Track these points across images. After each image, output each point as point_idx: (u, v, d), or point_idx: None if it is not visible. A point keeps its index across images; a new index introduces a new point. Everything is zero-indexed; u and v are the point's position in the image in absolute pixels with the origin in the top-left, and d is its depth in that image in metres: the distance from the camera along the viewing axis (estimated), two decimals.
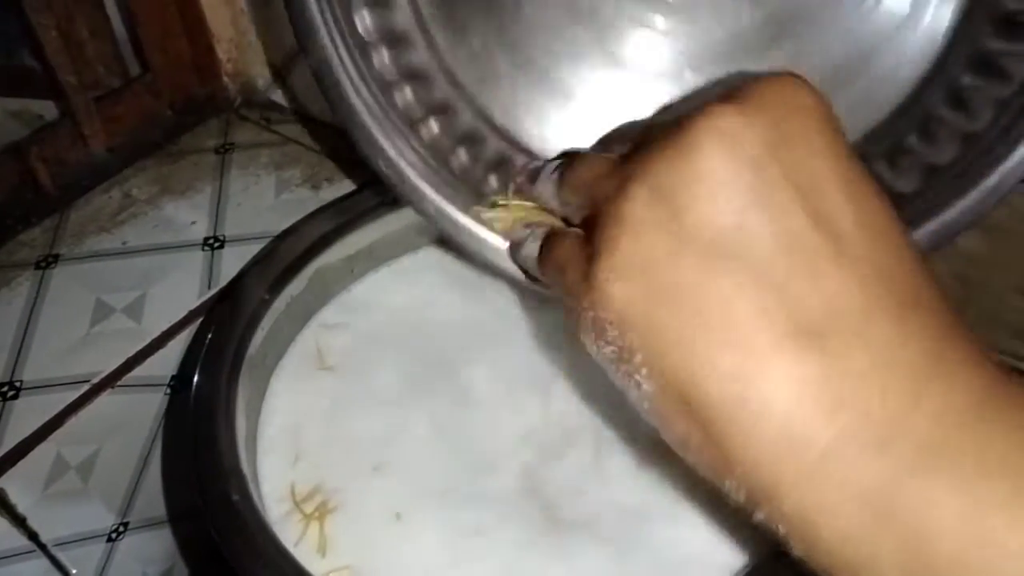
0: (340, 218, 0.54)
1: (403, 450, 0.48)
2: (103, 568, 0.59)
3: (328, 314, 0.55)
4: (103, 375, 0.53)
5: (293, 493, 0.46)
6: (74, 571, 0.57)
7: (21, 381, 0.52)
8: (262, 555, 0.40)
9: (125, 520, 0.59)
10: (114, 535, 0.59)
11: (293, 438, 0.49)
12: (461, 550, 0.44)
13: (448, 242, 0.47)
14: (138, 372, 0.55)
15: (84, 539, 0.57)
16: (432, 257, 0.58)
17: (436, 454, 0.48)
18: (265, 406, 0.50)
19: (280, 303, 0.51)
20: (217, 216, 0.62)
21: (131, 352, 0.54)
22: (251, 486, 0.43)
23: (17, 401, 0.51)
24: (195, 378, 0.46)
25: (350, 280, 0.56)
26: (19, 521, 0.52)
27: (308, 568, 0.40)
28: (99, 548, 0.58)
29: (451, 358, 0.53)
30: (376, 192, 0.54)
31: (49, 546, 0.55)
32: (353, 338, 0.54)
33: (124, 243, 0.60)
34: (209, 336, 0.48)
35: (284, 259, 0.52)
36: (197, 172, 0.65)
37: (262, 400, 0.50)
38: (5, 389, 0.52)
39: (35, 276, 0.58)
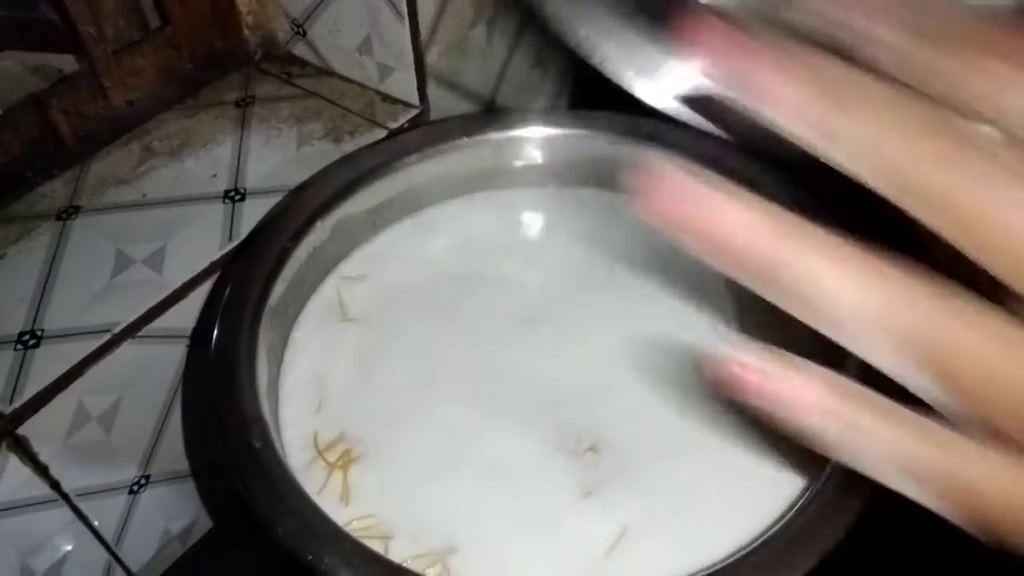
0: (363, 168, 0.52)
1: (427, 400, 0.47)
2: (125, 520, 0.58)
3: (350, 266, 0.53)
4: (124, 325, 0.52)
5: (316, 442, 0.45)
6: (96, 522, 0.56)
7: (42, 330, 0.51)
8: (284, 502, 0.38)
9: (147, 473, 0.58)
10: (136, 487, 0.58)
11: (316, 388, 0.47)
12: (488, 499, 0.43)
13: None
14: (159, 323, 0.53)
15: (106, 490, 0.56)
16: (455, 210, 0.56)
17: (461, 403, 0.47)
18: (287, 356, 0.48)
19: (302, 252, 0.49)
20: (238, 169, 0.60)
21: (152, 303, 0.53)
22: (273, 434, 0.41)
23: (38, 350, 0.50)
24: (216, 326, 0.44)
25: (372, 232, 0.54)
26: (41, 470, 0.51)
27: (332, 516, 0.39)
28: (121, 500, 0.57)
29: (474, 309, 0.51)
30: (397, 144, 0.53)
31: (71, 496, 0.53)
32: (375, 290, 0.52)
33: (144, 195, 0.58)
34: (230, 284, 0.46)
35: (307, 208, 0.50)
36: (218, 126, 0.63)
37: (283, 350, 0.48)
38: (27, 338, 0.50)
39: (55, 227, 0.56)
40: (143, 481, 0.58)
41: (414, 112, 0.63)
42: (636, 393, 0.47)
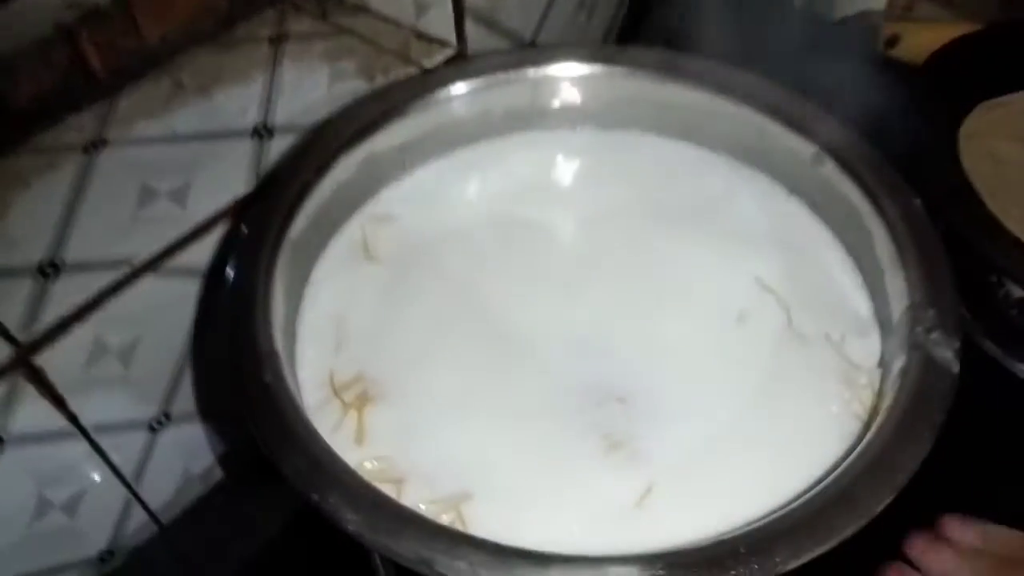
0: (392, 103, 0.49)
1: (450, 343, 0.44)
2: (144, 458, 0.57)
3: (377, 205, 0.51)
4: (144, 258, 0.50)
5: (332, 381, 0.43)
6: (115, 458, 0.54)
7: (63, 261, 0.49)
8: (293, 439, 0.36)
9: (167, 411, 0.56)
10: (156, 425, 0.56)
11: (335, 327, 0.45)
12: (508, 447, 0.40)
13: None
14: (181, 258, 0.52)
15: (125, 427, 0.55)
16: (490, 151, 0.53)
17: (485, 349, 0.44)
18: (307, 293, 0.46)
19: (326, 188, 0.47)
20: (268, 106, 0.58)
21: (174, 237, 0.51)
22: (286, 370, 0.39)
23: (57, 281, 0.49)
24: (233, 260, 0.42)
25: (402, 171, 0.51)
26: (58, 401, 0.49)
27: (343, 456, 0.37)
28: (140, 437, 0.56)
29: (505, 254, 0.49)
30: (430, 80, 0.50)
31: (89, 430, 0.52)
32: (402, 231, 0.50)
33: (172, 130, 0.57)
34: (250, 218, 0.44)
35: (332, 143, 0.48)
36: (250, 62, 0.61)
37: (303, 287, 0.46)
38: (46, 268, 0.49)
39: (82, 159, 0.55)
40: (163, 419, 0.57)
41: (450, 52, 0.60)
42: (672, 344, 0.44)
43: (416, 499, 0.39)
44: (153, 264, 0.51)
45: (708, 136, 0.52)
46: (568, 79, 0.52)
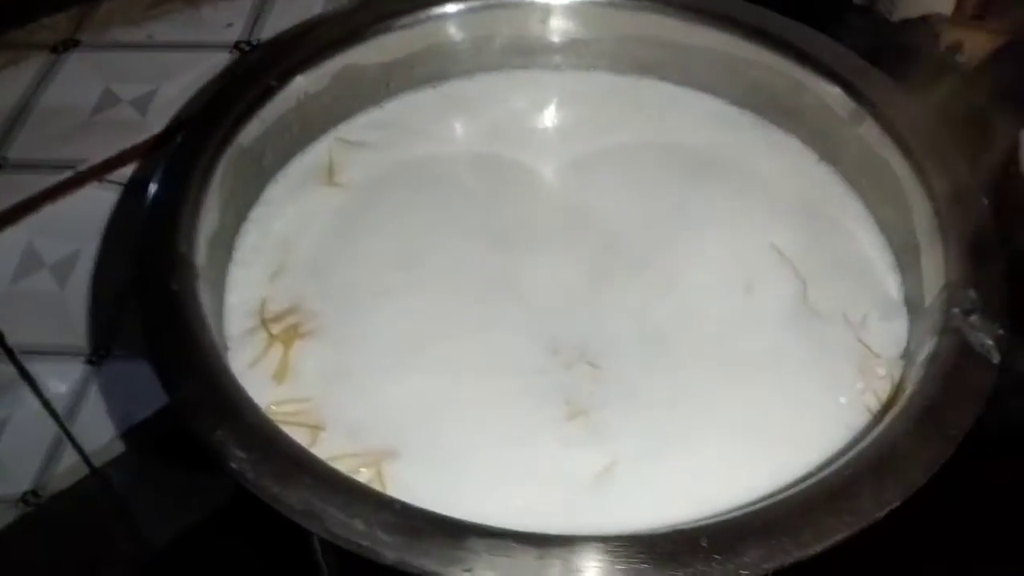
0: (379, 14, 0.43)
1: (405, 284, 0.38)
2: (80, 394, 0.52)
3: (352, 128, 0.45)
4: (91, 164, 0.45)
5: (263, 309, 0.37)
6: (45, 388, 0.49)
7: (5, 158, 0.44)
8: (189, 358, 0.30)
9: (107, 345, 0.51)
10: (94, 358, 0.51)
11: (279, 251, 0.39)
12: (450, 403, 0.34)
13: None
14: (132, 170, 0.46)
15: (58, 355, 0.49)
16: (484, 87, 0.47)
17: (445, 294, 0.38)
18: (253, 212, 0.41)
19: (290, 95, 0.41)
20: (256, 21, 0.52)
21: (127, 145, 0.46)
22: (203, 285, 0.34)
23: None
24: (168, 155, 0.37)
25: (385, 95, 0.46)
26: None
27: (254, 393, 0.31)
28: (76, 370, 0.51)
29: (485, 197, 0.42)
30: None
31: (16, 352, 0.47)
32: (375, 159, 0.44)
33: (150, 36, 0.51)
34: (196, 114, 0.39)
35: (305, 46, 0.42)
36: None
37: (251, 204, 0.40)
38: None
39: (49, 58, 0.50)
40: (103, 353, 0.51)
41: None
42: (665, 309, 0.37)
43: (333, 450, 0.32)
44: (100, 171, 0.45)
45: (736, 88, 0.45)
46: (581, 10, 0.45)
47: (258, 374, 0.35)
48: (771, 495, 0.28)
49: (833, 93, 0.41)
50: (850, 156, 0.41)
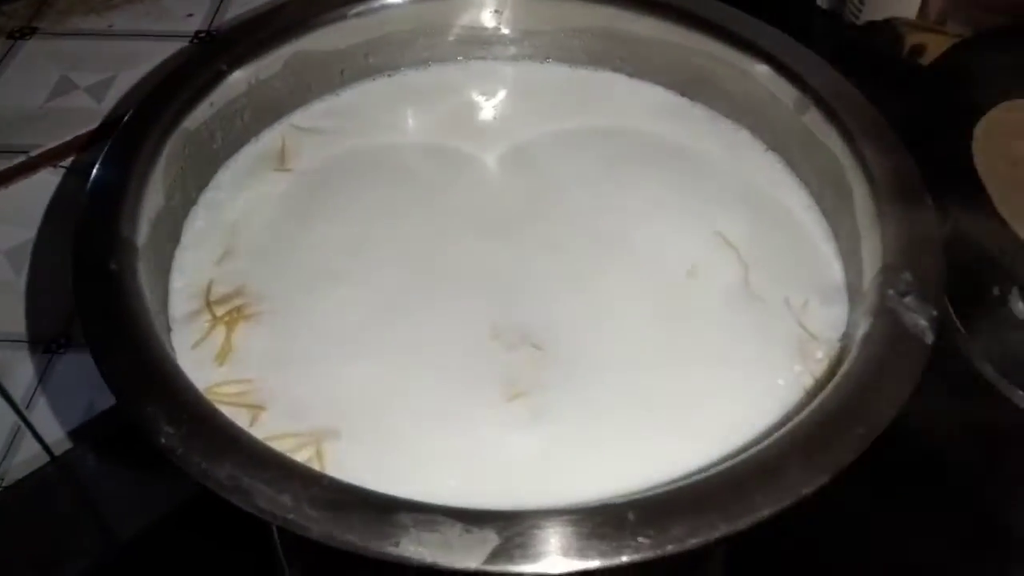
0: (337, 1, 0.43)
1: (351, 268, 0.38)
2: (39, 382, 0.51)
3: (306, 116, 0.44)
4: (44, 149, 0.44)
5: (208, 292, 0.36)
6: (3, 375, 0.48)
7: None
8: (123, 335, 0.29)
9: (67, 333, 0.50)
10: (54, 347, 0.50)
11: (226, 235, 0.39)
12: (390, 384, 0.33)
13: None
14: (87, 156, 0.45)
15: (15, 340, 0.48)
16: (437, 78, 0.47)
17: (389, 278, 0.38)
18: (203, 195, 0.40)
19: (241, 80, 0.40)
20: (217, 12, 0.52)
21: (81, 131, 0.45)
22: (144, 264, 0.33)
23: None
24: (112, 138, 0.36)
25: (339, 83, 0.45)
26: None
27: (195, 374, 0.30)
28: (35, 358, 0.50)
29: (435, 186, 0.42)
30: None
31: None
32: (327, 146, 0.43)
33: (110, 26, 0.51)
34: (144, 96, 0.38)
35: (258, 32, 0.41)
36: None
37: (200, 188, 0.40)
38: None
39: (5, 44, 0.49)
40: (63, 341, 0.50)
41: None
42: (608, 293, 0.37)
43: (271, 430, 0.32)
44: (54, 157, 0.44)
45: (685, 79, 0.45)
46: (535, 2, 0.45)
47: (200, 355, 0.34)
48: (701, 471, 0.27)
49: (780, 83, 0.41)
50: (796, 145, 0.41)
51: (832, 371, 0.33)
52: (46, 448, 0.54)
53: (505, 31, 0.46)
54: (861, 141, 0.37)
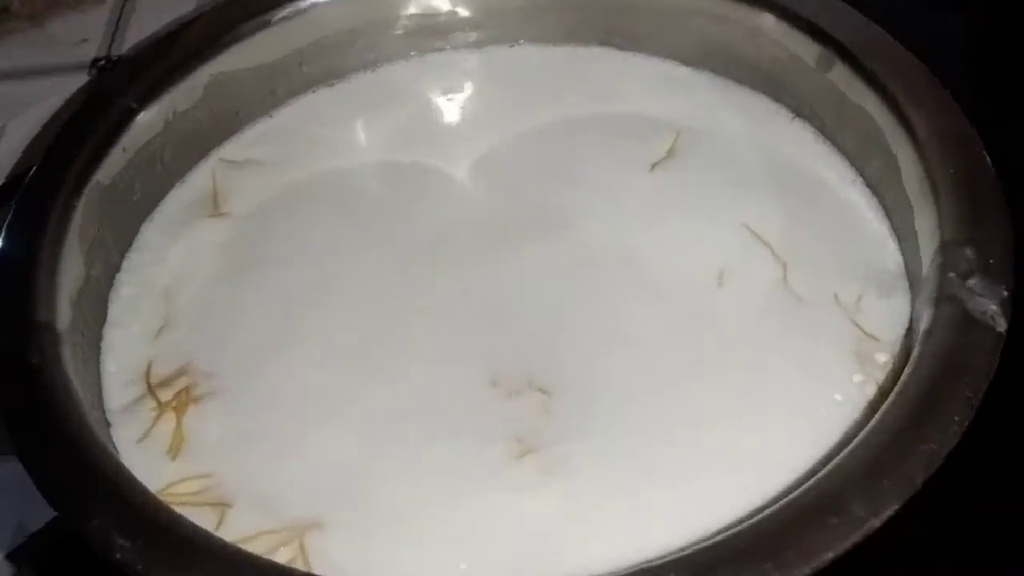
0: (251, 10, 0.46)
1: (314, 323, 0.41)
2: None
3: (235, 147, 0.47)
4: None
5: (148, 374, 0.39)
6: None
7: None
8: (53, 436, 0.32)
9: None
10: None
11: (161, 303, 0.41)
12: (378, 457, 0.36)
13: None
14: None
15: None
16: (387, 79, 0.49)
17: (362, 328, 0.40)
18: (127, 259, 0.42)
19: (156, 118, 0.43)
20: (115, 33, 0.55)
21: None
22: (68, 351, 0.35)
23: None
24: (15, 206, 0.39)
25: (271, 103, 0.48)
26: None
27: (146, 473, 0.33)
28: None
29: (397, 211, 0.44)
30: None
31: None
32: (266, 178, 0.46)
33: None
34: (43, 153, 0.41)
35: (166, 55, 0.44)
36: None
37: (123, 251, 0.43)
38: None
39: None
40: None
41: None
42: (622, 316, 0.40)
43: (244, 529, 0.34)
44: None
45: (687, 46, 0.47)
46: None
47: (149, 450, 0.37)
48: (751, 515, 0.30)
49: (797, 38, 0.43)
50: (825, 109, 0.44)
51: (898, 375, 0.35)
52: None
53: (464, 13, 0.49)
54: (899, 96, 0.40)
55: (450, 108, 0.49)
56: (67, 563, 0.56)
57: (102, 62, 0.53)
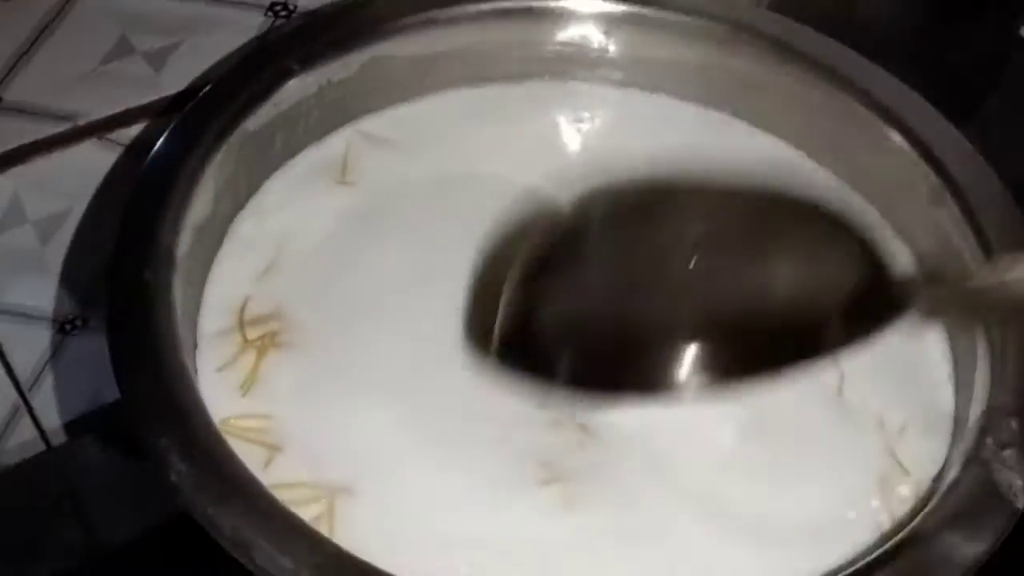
0: (427, 3, 0.48)
1: (403, 304, 0.43)
2: (48, 362, 0.57)
3: (376, 123, 0.49)
4: (92, 119, 0.50)
5: (243, 309, 0.41)
6: (9, 349, 0.55)
7: (0, 99, 0.50)
8: (146, 355, 0.35)
9: (84, 314, 0.56)
10: (68, 327, 0.56)
11: (272, 248, 0.44)
12: (419, 443, 0.38)
13: None
14: (136, 131, 0.51)
15: (29, 316, 0.55)
16: (531, 94, 0.51)
17: (443, 321, 0.42)
18: (252, 201, 0.45)
19: (311, 83, 0.46)
20: None
21: (134, 103, 0.51)
22: (178, 275, 0.38)
23: None
24: (163, 135, 0.42)
25: (417, 91, 0.50)
26: None
27: (215, 401, 0.35)
28: (46, 336, 0.56)
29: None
30: None
31: None
32: (393, 160, 0.48)
33: None
34: (202, 93, 0.44)
35: (333, 30, 0.46)
36: None
37: (249, 192, 0.45)
38: None
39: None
40: (79, 323, 0.57)
41: None
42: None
43: (286, 475, 0.37)
44: (101, 128, 0.51)
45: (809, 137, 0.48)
46: (648, 27, 0.49)
47: (224, 380, 0.39)
48: None
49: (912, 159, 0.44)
50: (924, 238, 0.44)
51: (913, 516, 0.36)
52: (43, 434, 0.60)
53: (613, 52, 0.50)
54: (996, 247, 0.40)
55: (575, 136, 0.50)
56: (123, 443, 0.60)
57: (279, 6, 0.55)
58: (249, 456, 0.34)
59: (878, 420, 0.40)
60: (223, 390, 0.39)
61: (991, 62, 0.82)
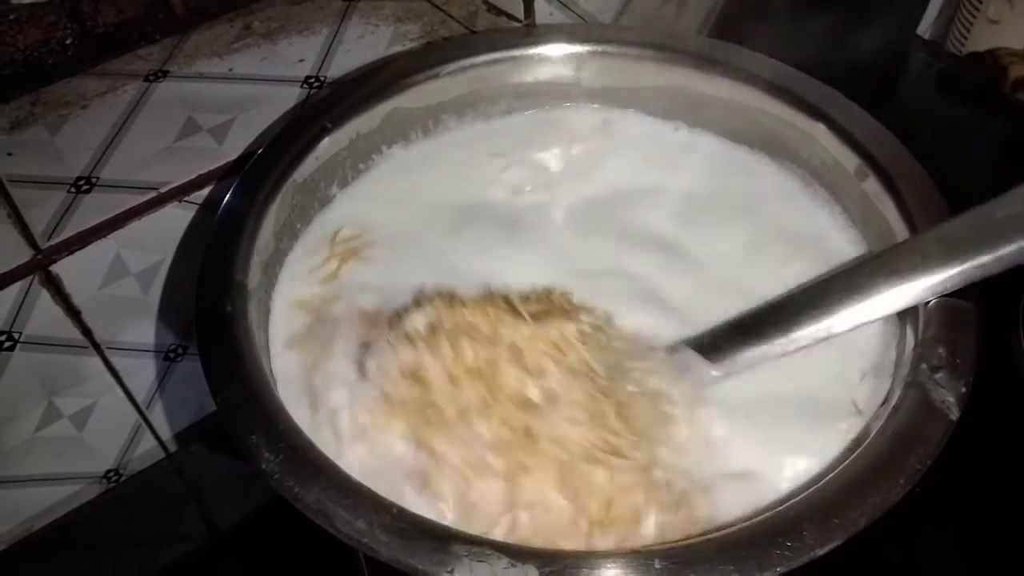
0: (429, 60, 0.48)
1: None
2: (159, 386, 0.58)
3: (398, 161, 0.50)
4: (173, 186, 0.51)
5: (335, 238, 0.44)
6: (127, 379, 0.56)
7: (97, 178, 0.51)
8: (232, 371, 0.36)
9: (184, 343, 0.57)
10: (172, 355, 0.57)
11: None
12: None
13: None
14: (208, 191, 0.52)
15: (140, 350, 0.56)
16: (529, 125, 0.51)
17: None
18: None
19: (343, 137, 0.46)
20: (325, 59, 0.58)
21: (204, 170, 0.52)
22: (252, 306, 0.39)
23: (88, 195, 0.50)
24: (231, 191, 0.42)
25: (432, 131, 0.50)
26: (73, 313, 0.51)
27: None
28: (155, 364, 0.57)
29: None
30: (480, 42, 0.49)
31: (103, 347, 0.54)
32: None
33: (231, 70, 0.58)
34: (258, 153, 0.44)
35: (357, 93, 0.47)
36: (319, 15, 0.61)
37: (306, 226, 0.46)
38: (81, 183, 0.51)
39: (141, 87, 0.56)
40: (180, 351, 0.58)
41: (517, 27, 0.59)
42: None
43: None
44: (180, 193, 0.51)
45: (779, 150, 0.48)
46: (610, 62, 0.49)
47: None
48: (726, 526, 0.31)
49: (841, 148, 0.44)
50: (856, 207, 0.44)
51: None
52: (161, 444, 0.61)
53: (584, 84, 0.51)
54: (915, 213, 0.40)
55: (564, 151, 0.50)
56: (226, 442, 0.61)
57: (312, 80, 0.56)
58: None
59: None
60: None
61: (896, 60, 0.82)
